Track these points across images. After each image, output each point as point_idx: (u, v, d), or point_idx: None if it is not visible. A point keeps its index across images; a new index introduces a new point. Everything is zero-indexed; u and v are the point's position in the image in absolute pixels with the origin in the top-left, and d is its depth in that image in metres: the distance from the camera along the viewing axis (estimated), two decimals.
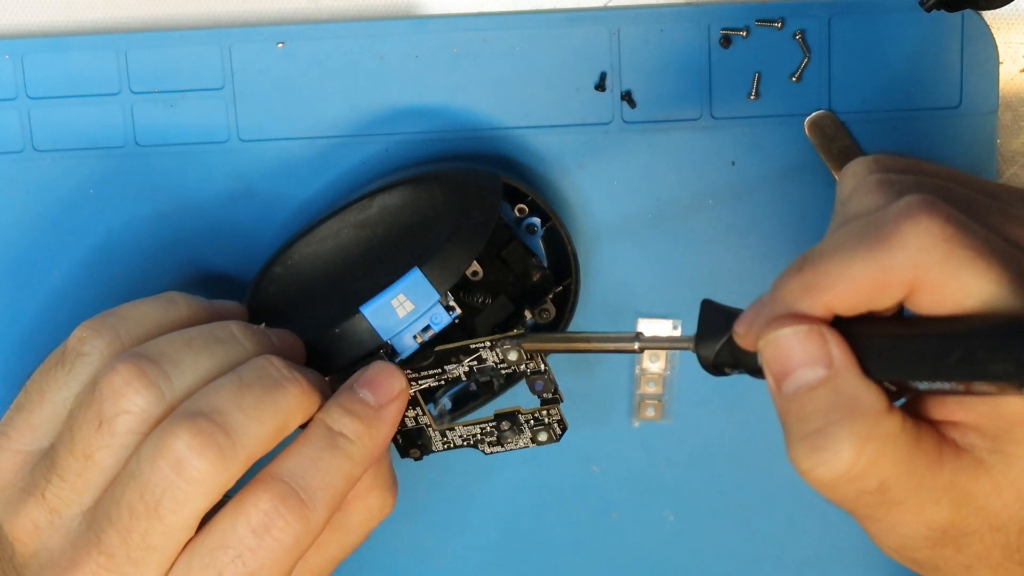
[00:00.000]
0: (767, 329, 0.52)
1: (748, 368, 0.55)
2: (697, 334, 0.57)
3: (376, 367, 0.63)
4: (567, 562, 0.75)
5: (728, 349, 0.56)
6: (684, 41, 0.70)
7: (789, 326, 0.52)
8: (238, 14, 0.72)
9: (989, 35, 0.70)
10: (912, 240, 0.50)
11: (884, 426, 0.51)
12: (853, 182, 0.55)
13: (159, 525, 0.57)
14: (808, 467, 0.51)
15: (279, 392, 0.60)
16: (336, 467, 0.60)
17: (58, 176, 0.72)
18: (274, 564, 0.58)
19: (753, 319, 0.54)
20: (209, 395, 0.59)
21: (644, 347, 0.60)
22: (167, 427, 0.57)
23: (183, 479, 0.57)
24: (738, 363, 0.56)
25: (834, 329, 0.52)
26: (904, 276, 0.50)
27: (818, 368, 0.51)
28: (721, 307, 0.57)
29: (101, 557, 0.58)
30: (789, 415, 0.52)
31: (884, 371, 0.51)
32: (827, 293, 0.51)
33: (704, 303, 0.57)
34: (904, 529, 0.52)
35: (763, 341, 0.53)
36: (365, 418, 0.61)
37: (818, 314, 0.52)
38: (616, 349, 0.61)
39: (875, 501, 0.51)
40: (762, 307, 0.54)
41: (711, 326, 0.56)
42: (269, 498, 0.58)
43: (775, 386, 0.53)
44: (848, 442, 0.50)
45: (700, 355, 0.57)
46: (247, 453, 0.58)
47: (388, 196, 0.69)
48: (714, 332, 0.56)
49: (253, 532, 0.58)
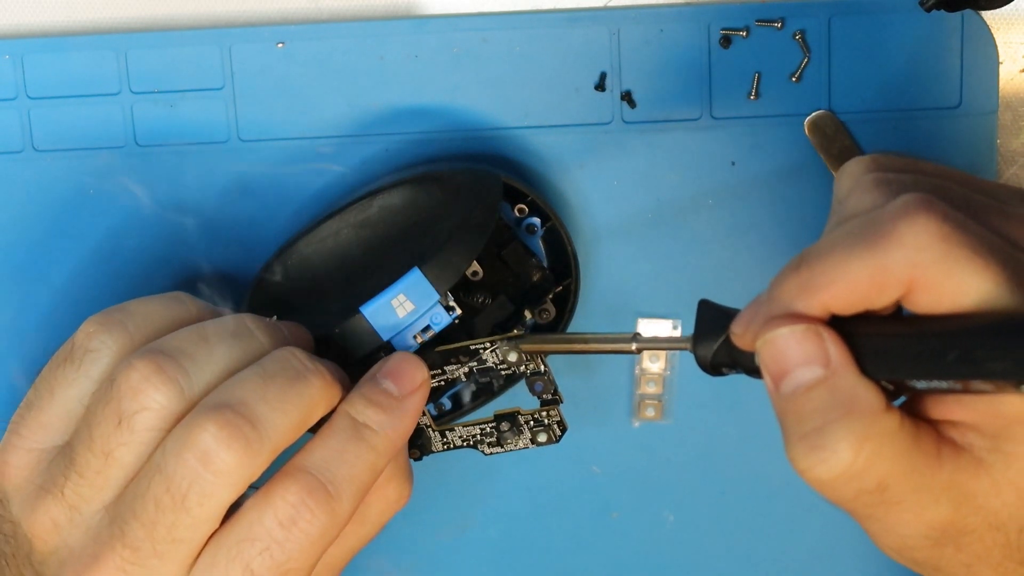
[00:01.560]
0: (764, 329, 0.52)
1: (745, 368, 0.55)
2: (694, 334, 0.57)
3: (399, 356, 0.63)
4: (567, 562, 0.75)
5: (726, 349, 0.56)
6: (684, 41, 0.70)
7: (786, 326, 0.52)
8: (238, 14, 0.72)
9: (989, 35, 0.70)
10: (909, 239, 0.50)
11: (882, 425, 0.51)
12: (850, 181, 0.55)
13: (186, 518, 0.57)
14: (806, 466, 0.51)
15: (303, 383, 0.60)
16: (362, 458, 0.60)
17: (58, 176, 0.72)
18: (301, 556, 0.58)
19: (750, 319, 0.54)
20: (234, 387, 0.59)
21: (642, 348, 0.60)
22: (193, 419, 0.57)
23: (210, 471, 0.57)
24: (735, 363, 0.56)
25: (831, 328, 0.52)
26: (901, 275, 0.50)
27: (815, 367, 0.51)
28: (718, 307, 0.57)
29: (126, 551, 0.57)
30: (787, 415, 0.52)
31: (882, 370, 0.51)
32: (824, 292, 0.51)
33: (701, 303, 0.57)
34: (904, 529, 0.52)
35: (760, 341, 0.53)
36: (388, 408, 0.61)
37: (815, 313, 0.52)
38: (614, 350, 0.61)
39: (874, 500, 0.51)
40: (759, 307, 0.54)
41: (708, 326, 0.56)
42: (296, 490, 0.58)
43: (773, 386, 0.53)
44: (846, 441, 0.50)
45: (697, 355, 0.57)
46: (273, 444, 0.58)
47: (388, 196, 0.69)
48: (711, 332, 0.56)
49: (280, 524, 0.58)
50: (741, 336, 0.54)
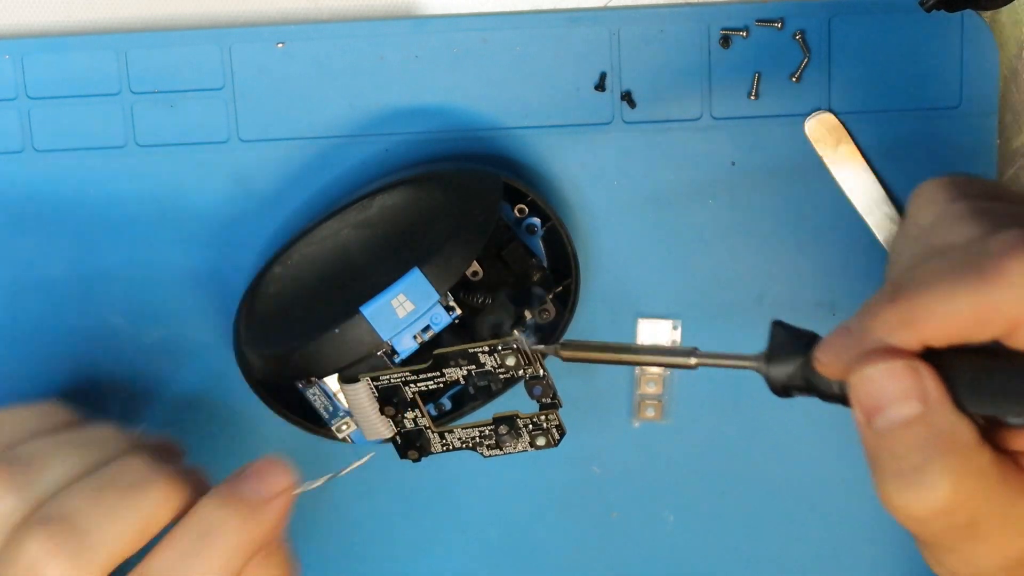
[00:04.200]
0: (859, 364, 0.51)
1: (822, 394, 0.54)
2: (767, 355, 0.55)
3: (266, 460, 0.60)
4: (567, 562, 0.75)
5: (802, 374, 0.54)
6: (684, 41, 0.70)
7: (883, 361, 0.51)
8: (238, 14, 0.72)
9: (989, 35, 0.70)
10: (1019, 277, 0.49)
11: (978, 461, 0.50)
12: (934, 208, 0.54)
13: None
14: (902, 503, 0.50)
15: (139, 492, 0.58)
16: (207, 562, 0.57)
17: (58, 176, 0.72)
18: None
19: (840, 350, 0.52)
20: (67, 497, 0.57)
21: (701, 363, 0.57)
22: (21, 531, 0.56)
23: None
24: (811, 388, 0.54)
25: (928, 363, 0.51)
26: (1008, 313, 0.49)
27: (912, 403, 0.50)
28: (793, 329, 0.55)
29: None
30: (880, 451, 0.51)
31: (977, 404, 0.51)
32: (924, 327, 0.50)
33: (775, 324, 0.55)
34: (982, 560, 0.51)
35: (855, 376, 0.51)
36: (243, 513, 0.58)
37: (911, 347, 0.51)
38: (670, 364, 0.58)
39: (962, 535, 0.51)
40: (850, 337, 0.52)
41: (783, 348, 0.55)
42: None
43: (864, 421, 0.51)
44: (945, 478, 0.50)
45: (771, 377, 0.55)
46: (105, 555, 0.56)
47: (388, 196, 0.69)
48: (787, 355, 0.55)
49: None
50: (828, 366, 0.53)
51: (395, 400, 0.66)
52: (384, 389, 0.66)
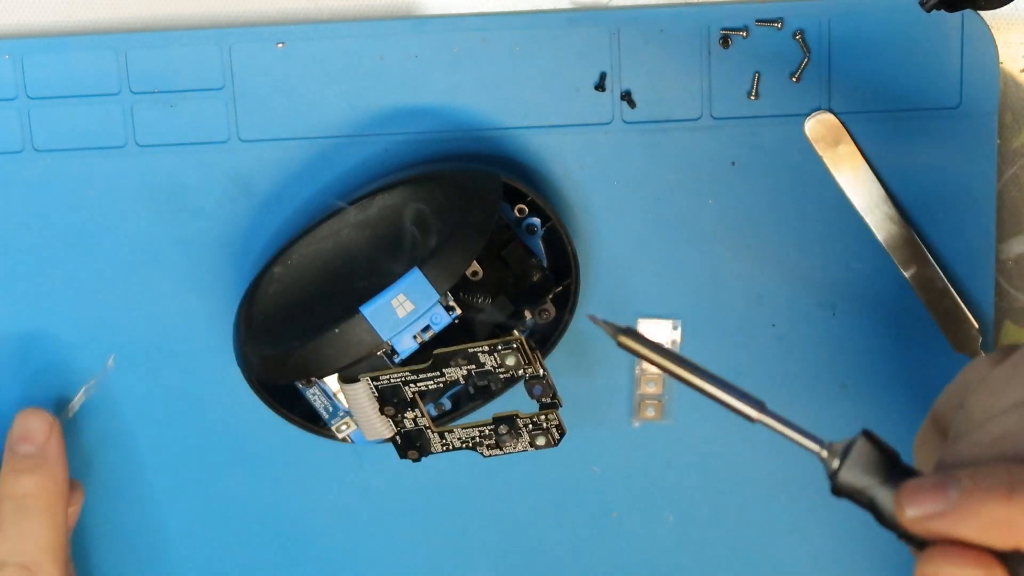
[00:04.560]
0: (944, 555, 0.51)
1: (882, 519, 0.54)
2: (842, 455, 0.54)
3: (20, 416, 0.66)
4: (567, 562, 0.75)
5: (871, 494, 0.54)
6: (684, 41, 0.70)
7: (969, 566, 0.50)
8: (238, 14, 0.72)
9: (989, 35, 0.70)
10: None
11: None
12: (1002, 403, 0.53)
13: None
14: None
15: None
16: (39, 526, 0.62)
17: (58, 176, 0.72)
18: None
19: (932, 514, 0.51)
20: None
21: (762, 422, 0.54)
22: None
23: None
24: (874, 510, 0.54)
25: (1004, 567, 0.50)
26: None
27: None
28: (882, 444, 0.54)
29: None
30: None
31: None
32: None
33: (865, 432, 0.54)
34: None
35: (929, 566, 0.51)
36: (35, 467, 0.63)
37: (1005, 549, 0.50)
38: (728, 405, 0.54)
39: None
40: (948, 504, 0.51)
41: (863, 459, 0.54)
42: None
43: None
44: None
45: (838, 479, 0.54)
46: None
47: (388, 196, 0.69)
48: (864, 467, 0.54)
49: None
50: (912, 521, 0.52)
51: (395, 400, 0.66)
52: (384, 389, 0.66)
